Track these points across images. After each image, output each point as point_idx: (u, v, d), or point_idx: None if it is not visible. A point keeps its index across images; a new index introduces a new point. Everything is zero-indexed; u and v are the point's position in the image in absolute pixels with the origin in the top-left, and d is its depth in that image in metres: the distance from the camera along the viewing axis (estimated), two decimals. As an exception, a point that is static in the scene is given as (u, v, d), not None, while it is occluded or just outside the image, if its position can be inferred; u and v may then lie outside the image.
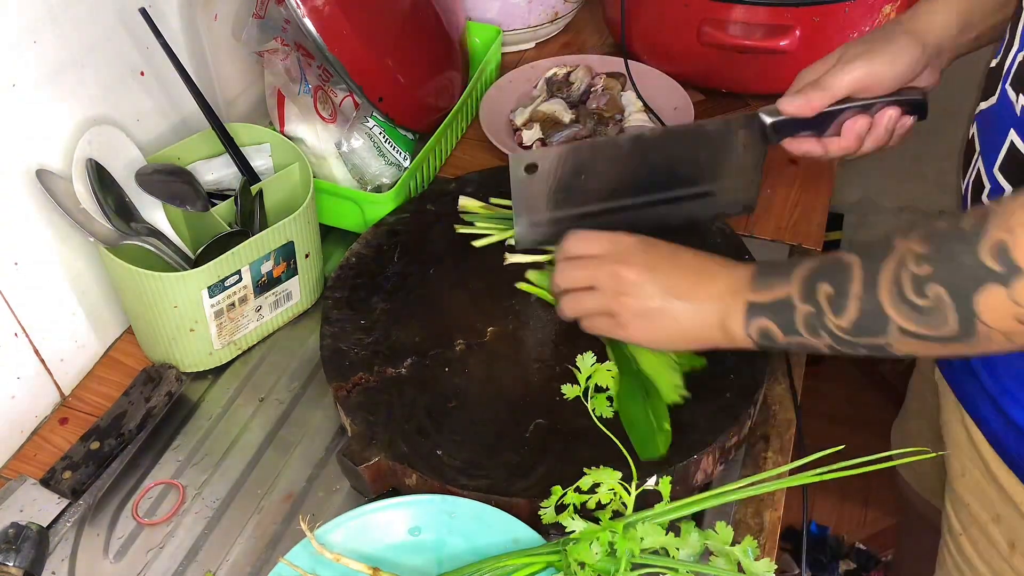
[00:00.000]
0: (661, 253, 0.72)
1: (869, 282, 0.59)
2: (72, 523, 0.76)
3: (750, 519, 0.76)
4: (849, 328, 0.61)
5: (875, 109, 0.78)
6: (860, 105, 0.77)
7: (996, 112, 0.70)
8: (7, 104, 0.75)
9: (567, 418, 0.76)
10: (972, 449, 0.79)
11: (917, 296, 0.57)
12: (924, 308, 0.57)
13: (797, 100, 0.78)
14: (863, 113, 0.78)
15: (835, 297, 0.61)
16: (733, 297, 0.67)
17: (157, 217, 0.85)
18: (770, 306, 0.65)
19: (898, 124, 0.80)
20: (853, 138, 0.79)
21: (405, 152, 1.01)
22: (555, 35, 1.31)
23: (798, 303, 0.63)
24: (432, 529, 0.70)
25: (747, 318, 0.66)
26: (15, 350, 0.81)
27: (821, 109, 0.77)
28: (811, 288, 0.62)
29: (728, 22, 1.08)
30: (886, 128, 0.79)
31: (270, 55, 0.96)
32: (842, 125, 0.79)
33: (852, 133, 0.78)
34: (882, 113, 0.78)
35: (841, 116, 0.78)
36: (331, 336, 0.83)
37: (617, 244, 0.73)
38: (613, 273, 0.71)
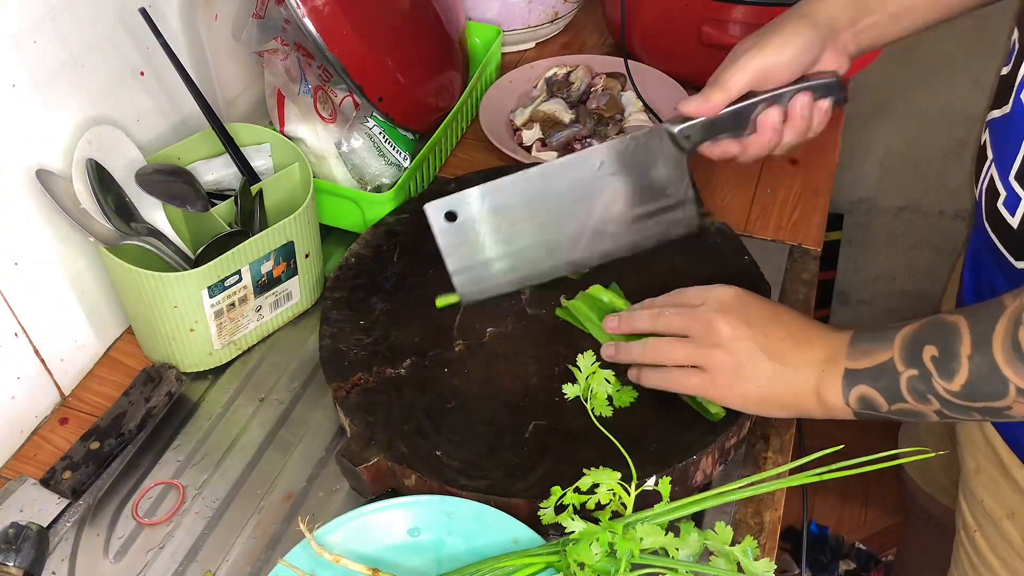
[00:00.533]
0: (760, 309, 0.70)
1: (980, 341, 0.57)
2: (72, 523, 0.76)
3: (750, 519, 0.76)
4: (961, 391, 0.58)
5: (785, 99, 0.75)
6: (768, 97, 0.75)
7: (1010, 120, 0.69)
8: (7, 104, 0.75)
9: (566, 419, 0.76)
10: (987, 446, 0.79)
11: None
12: None
13: (695, 100, 0.75)
14: (774, 105, 0.75)
15: (942, 359, 0.58)
16: (830, 364, 0.64)
17: (157, 217, 0.85)
18: (870, 372, 0.62)
19: (814, 110, 0.76)
20: (769, 131, 0.75)
21: (405, 152, 1.01)
22: (555, 35, 1.31)
23: (901, 367, 0.60)
24: (431, 530, 0.70)
25: (846, 386, 0.63)
26: (15, 350, 0.81)
27: (722, 107, 0.74)
28: (915, 350, 0.59)
29: (728, 22, 1.08)
30: (801, 116, 0.75)
31: (270, 55, 0.96)
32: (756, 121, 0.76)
33: (767, 127, 0.75)
34: (794, 101, 0.75)
35: (753, 112, 0.75)
36: (330, 336, 0.83)
37: (714, 293, 0.71)
38: (710, 324, 0.68)
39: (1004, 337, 0.56)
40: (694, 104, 0.75)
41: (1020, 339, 0.55)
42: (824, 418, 0.66)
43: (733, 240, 0.90)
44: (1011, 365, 0.55)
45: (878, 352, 0.62)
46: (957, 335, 0.58)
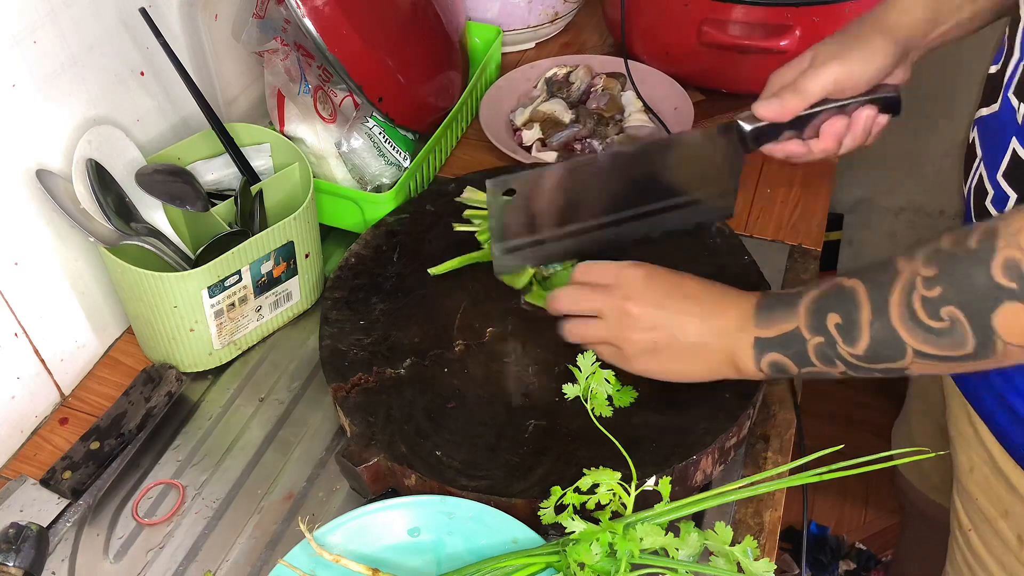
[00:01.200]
0: (667, 286, 0.72)
1: (878, 308, 0.59)
2: (72, 523, 0.76)
3: (750, 519, 0.76)
4: (864, 355, 0.61)
5: (851, 109, 0.78)
6: (836, 106, 0.77)
7: (998, 119, 0.70)
8: (7, 104, 0.75)
9: (566, 419, 0.76)
10: (979, 445, 0.80)
11: (932, 319, 0.57)
12: (940, 330, 0.57)
13: (772, 105, 0.77)
14: (840, 114, 0.77)
15: (845, 326, 0.61)
16: (740, 332, 0.67)
17: (157, 217, 0.85)
18: (779, 340, 0.65)
19: (874, 123, 0.79)
20: (832, 140, 0.78)
21: (405, 152, 1.01)
22: (555, 35, 1.31)
23: (808, 335, 0.63)
24: (431, 530, 0.70)
25: (757, 353, 0.66)
26: (15, 350, 0.81)
27: (797, 113, 0.76)
28: (819, 319, 0.62)
29: (728, 22, 1.08)
30: (864, 128, 0.78)
31: (270, 55, 0.96)
32: (819, 127, 0.78)
33: (831, 135, 0.78)
34: (859, 113, 0.78)
35: (818, 119, 0.78)
36: (330, 337, 0.83)
37: (624, 276, 0.72)
38: (619, 307, 0.71)
39: (900, 304, 0.58)
40: (770, 108, 0.77)
41: (915, 306, 0.58)
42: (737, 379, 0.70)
43: (733, 240, 0.90)
44: (907, 329, 0.58)
45: (785, 320, 0.65)
46: (857, 302, 0.60)
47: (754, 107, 0.78)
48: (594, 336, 0.74)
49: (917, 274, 0.58)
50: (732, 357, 0.68)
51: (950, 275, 0.56)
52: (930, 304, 0.57)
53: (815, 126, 0.78)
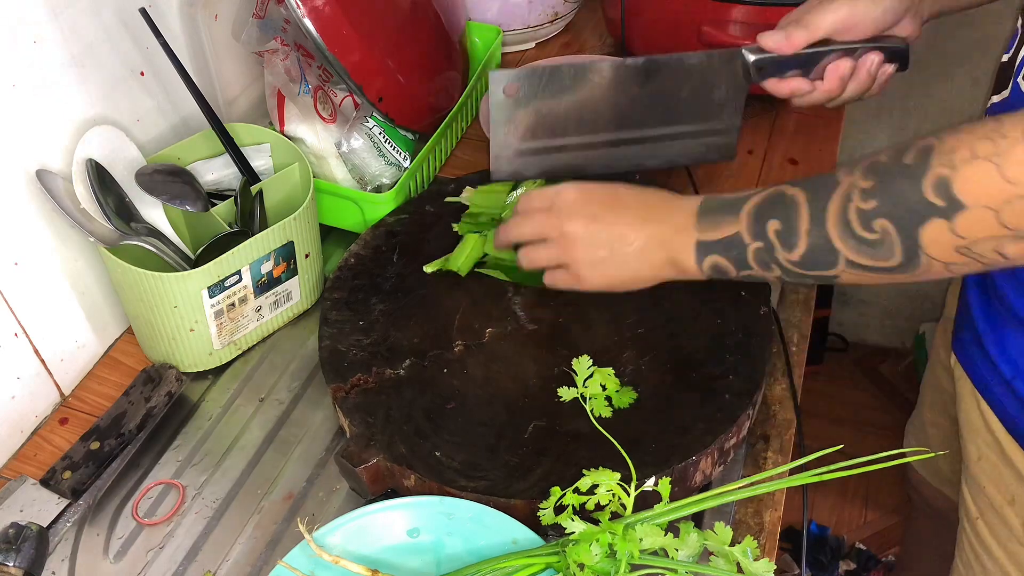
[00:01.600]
0: (602, 199, 0.73)
1: (817, 217, 0.61)
2: (72, 523, 0.77)
3: (750, 519, 0.76)
4: (799, 261, 0.63)
5: (858, 54, 0.78)
6: (843, 48, 0.77)
7: (1009, 105, 0.71)
8: (7, 104, 0.75)
9: (566, 419, 0.76)
10: (988, 432, 0.80)
11: (864, 230, 0.59)
12: (871, 241, 0.59)
13: (777, 35, 0.78)
14: (846, 56, 0.78)
15: (784, 233, 0.63)
16: (680, 234, 0.69)
17: (157, 217, 0.85)
18: (720, 243, 0.67)
19: (880, 71, 0.80)
20: (836, 81, 0.79)
21: (405, 152, 1.01)
22: (555, 35, 1.31)
23: (748, 240, 0.65)
24: (430, 531, 0.70)
25: (698, 255, 0.68)
26: (15, 350, 0.81)
27: (802, 46, 0.77)
28: (760, 225, 0.64)
29: (728, 22, 1.08)
30: (868, 72, 0.79)
31: (270, 55, 0.96)
32: (825, 69, 0.79)
33: (835, 76, 0.78)
34: (865, 57, 0.78)
35: (824, 59, 0.78)
36: (329, 337, 0.83)
37: (559, 198, 0.74)
38: (557, 227, 0.73)
39: (837, 213, 0.60)
40: (774, 39, 0.77)
41: (850, 216, 0.60)
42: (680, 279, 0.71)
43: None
44: (841, 238, 0.60)
45: (726, 224, 0.66)
46: (797, 210, 0.62)
47: (759, 38, 0.78)
48: (543, 258, 0.75)
49: (855, 186, 0.60)
50: (674, 259, 0.70)
51: (884, 189, 0.58)
52: (864, 215, 0.59)
53: (820, 68, 0.78)
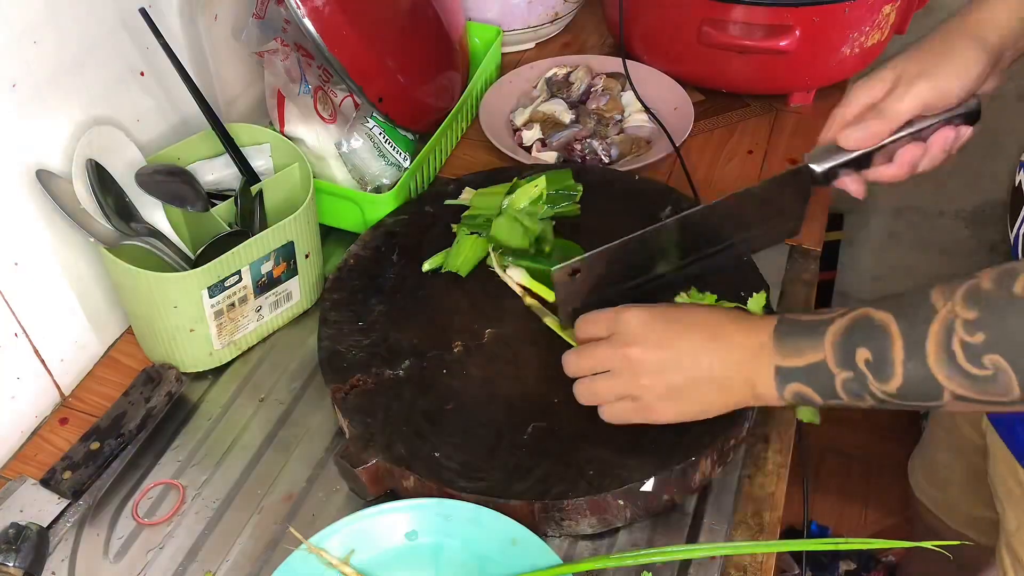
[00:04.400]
0: (669, 323, 0.67)
1: (913, 348, 0.56)
2: (72, 523, 0.77)
3: (750, 519, 0.76)
4: (896, 394, 0.58)
5: (932, 129, 0.71)
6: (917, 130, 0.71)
7: None
8: (7, 104, 0.75)
9: (565, 420, 0.76)
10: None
11: (973, 366, 0.54)
12: (982, 377, 0.54)
13: (859, 134, 0.70)
14: (917, 140, 0.71)
15: (876, 363, 0.58)
16: (758, 361, 0.63)
17: (157, 217, 0.85)
18: (804, 371, 0.61)
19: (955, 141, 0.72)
20: (907, 166, 0.71)
21: (405, 152, 1.01)
22: (555, 35, 1.31)
23: (835, 370, 0.60)
24: (429, 533, 0.70)
25: (779, 383, 0.63)
26: (15, 350, 0.81)
27: (885, 139, 0.70)
28: (847, 353, 0.59)
29: (728, 22, 1.08)
30: (942, 149, 0.71)
31: (270, 55, 0.96)
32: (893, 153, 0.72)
33: (905, 162, 0.71)
34: (937, 135, 0.71)
35: (892, 145, 0.71)
36: (329, 338, 0.83)
37: (621, 323, 0.68)
38: (624, 356, 0.67)
39: (937, 345, 0.55)
40: (856, 137, 0.70)
41: (954, 349, 0.55)
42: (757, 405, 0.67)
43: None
44: (946, 374, 0.55)
45: (809, 351, 0.61)
46: (889, 339, 0.57)
47: (840, 139, 0.71)
48: (606, 392, 0.69)
49: (956, 315, 0.54)
50: (752, 386, 0.64)
51: (993, 321, 0.53)
52: (971, 350, 0.54)
53: (888, 152, 0.72)
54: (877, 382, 0.58)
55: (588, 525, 0.73)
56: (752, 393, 0.65)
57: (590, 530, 0.73)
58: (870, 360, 0.58)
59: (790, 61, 1.09)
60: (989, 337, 0.53)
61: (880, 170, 0.73)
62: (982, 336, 0.53)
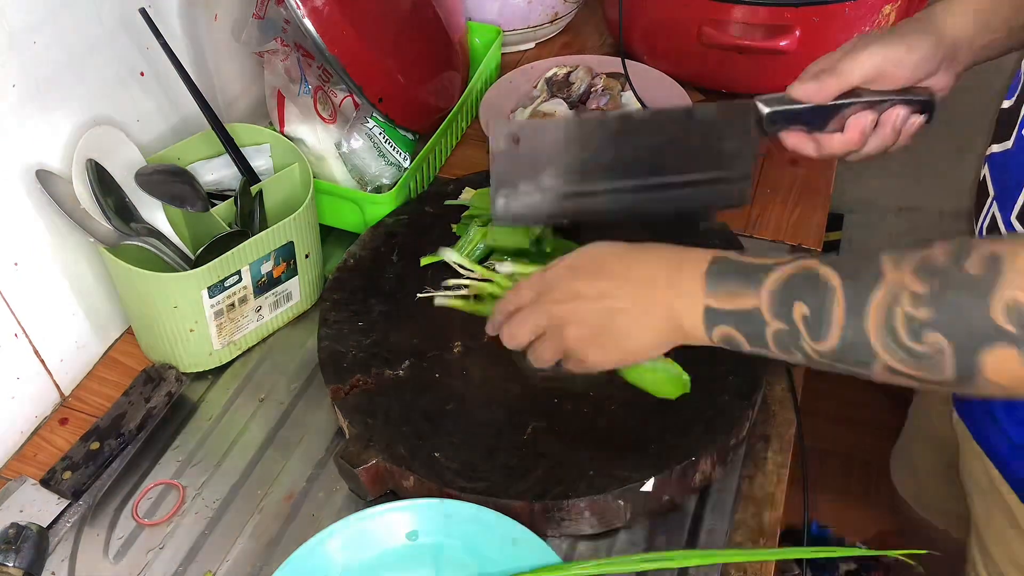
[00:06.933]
0: (588, 271, 0.66)
1: (854, 311, 0.54)
2: (72, 523, 0.77)
3: (750, 519, 0.76)
4: (827, 353, 0.56)
5: (883, 107, 0.74)
6: (869, 100, 0.74)
7: (1012, 158, 0.68)
8: (7, 104, 0.75)
9: (565, 420, 0.76)
10: (996, 496, 0.78)
11: (912, 341, 0.52)
12: (919, 353, 0.52)
13: (811, 85, 0.73)
14: (870, 109, 0.73)
15: (812, 320, 0.55)
16: (686, 298, 0.61)
17: (157, 217, 0.85)
18: (734, 315, 0.59)
19: (906, 124, 0.75)
20: (857, 133, 0.74)
21: (405, 152, 1.01)
22: (555, 35, 1.31)
23: (769, 319, 0.57)
24: (429, 533, 0.70)
25: (707, 323, 0.61)
26: (15, 350, 0.81)
27: (835, 95, 0.73)
28: (784, 305, 0.57)
29: (728, 22, 1.08)
30: (893, 127, 0.74)
31: (270, 55, 0.96)
32: (846, 121, 0.74)
33: (857, 128, 0.73)
34: (890, 111, 0.74)
35: (846, 111, 0.74)
36: (329, 338, 0.83)
37: (545, 280, 0.67)
38: (547, 312, 0.66)
39: (879, 313, 0.53)
40: (805, 89, 0.73)
41: (896, 322, 0.52)
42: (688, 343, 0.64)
43: (732, 240, 0.90)
44: (882, 343, 0.53)
45: (743, 296, 0.58)
46: (831, 297, 0.54)
47: (789, 88, 0.74)
48: (545, 351, 0.68)
49: (903, 286, 0.52)
50: (680, 324, 0.62)
51: (941, 300, 0.51)
52: (914, 324, 0.52)
53: (840, 119, 0.74)
54: (811, 339, 0.56)
55: (588, 525, 0.73)
56: (680, 332, 0.63)
57: (590, 530, 0.73)
58: (807, 316, 0.56)
59: (790, 61, 1.08)
60: (935, 316, 0.51)
61: (833, 137, 0.75)
62: (927, 313, 0.51)
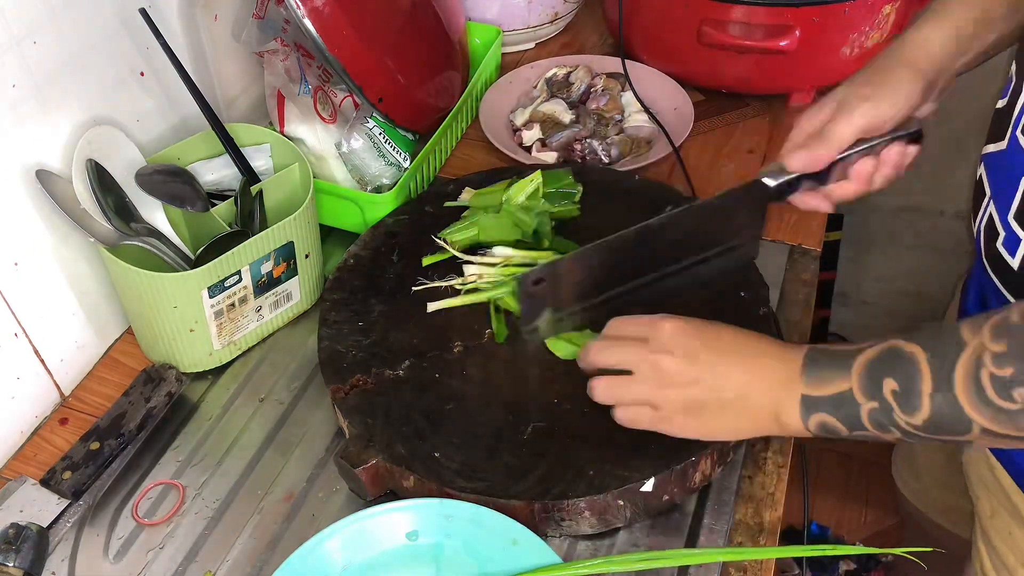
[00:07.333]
0: (703, 338, 0.67)
1: (941, 380, 0.56)
2: (72, 523, 0.77)
3: (750, 519, 0.76)
4: (923, 426, 0.58)
5: (878, 148, 0.74)
6: (863, 150, 0.74)
7: (1007, 157, 0.68)
8: (7, 104, 0.75)
9: (565, 420, 0.76)
10: (1001, 492, 0.78)
11: (1002, 399, 0.54)
12: (1012, 411, 0.54)
13: (802, 157, 0.73)
14: (869, 155, 0.74)
15: (903, 394, 0.57)
16: (785, 389, 0.63)
17: (157, 217, 0.85)
18: (829, 401, 0.61)
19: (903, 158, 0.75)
20: (863, 182, 0.75)
21: (405, 153, 1.01)
22: (555, 35, 1.31)
23: (862, 400, 0.59)
24: (429, 533, 0.70)
25: (804, 412, 0.62)
26: (15, 350, 0.81)
27: (828, 162, 0.73)
28: (874, 383, 0.59)
29: (728, 22, 1.08)
30: (895, 165, 0.75)
31: (270, 55, 0.96)
32: (848, 169, 0.75)
33: (861, 177, 0.74)
34: (888, 151, 0.74)
35: (846, 162, 0.74)
36: (329, 338, 0.83)
37: (657, 330, 0.67)
38: (654, 363, 0.66)
39: (966, 379, 0.55)
40: (800, 160, 0.73)
41: (983, 382, 0.54)
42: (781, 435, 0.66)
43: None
44: (974, 407, 0.55)
45: (836, 380, 0.61)
46: (917, 371, 0.57)
47: (786, 159, 0.74)
48: (627, 394, 0.69)
49: (984, 348, 0.54)
50: (777, 413, 0.64)
51: (1020, 354, 0.53)
52: (1001, 384, 0.54)
53: (842, 169, 0.75)
54: (903, 413, 0.58)
55: (588, 525, 0.73)
56: (777, 422, 0.64)
57: (590, 530, 0.73)
58: (897, 391, 0.58)
59: (790, 61, 1.09)
60: (1018, 371, 0.53)
61: (840, 186, 0.76)
62: (1011, 369, 0.53)
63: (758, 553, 0.72)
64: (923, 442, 0.60)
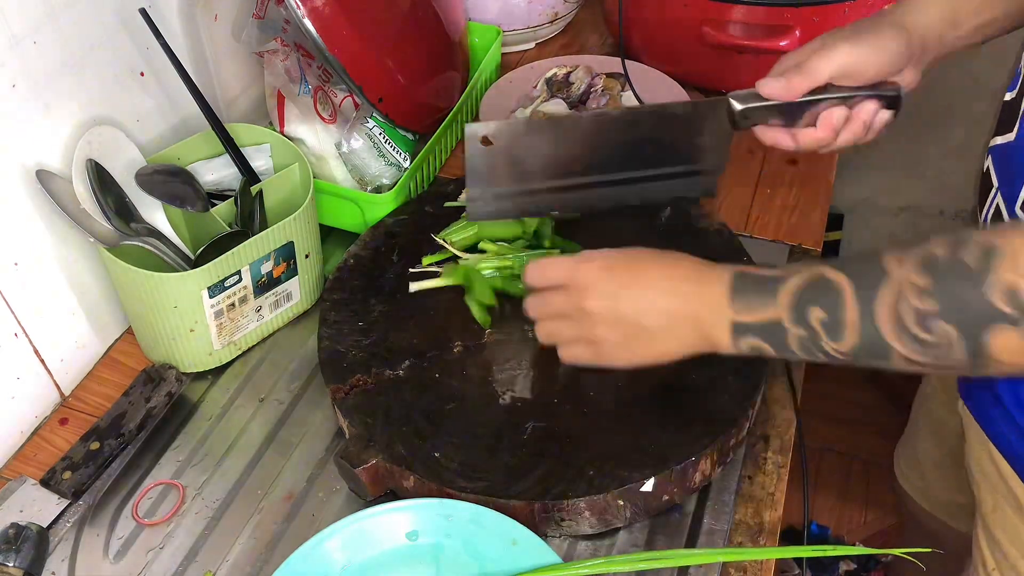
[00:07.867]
0: (625, 273, 0.68)
1: (865, 310, 0.57)
2: (72, 523, 0.77)
3: (750, 519, 0.76)
4: (848, 352, 0.59)
5: (853, 102, 0.75)
6: (838, 96, 0.75)
7: (1015, 149, 0.69)
8: (7, 104, 0.75)
9: (565, 420, 0.76)
10: (1003, 484, 0.78)
11: (922, 331, 0.56)
12: (930, 342, 0.56)
13: (778, 83, 0.74)
14: (841, 104, 0.75)
15: (829, 323, 0.59)
16: (714, 312, 0.64)
17: (157, 217, 0.85)
18: (758, 327, 0.63)
19: (876, 118, 0.76)
20: (829, 129, 0.75)
21: (405, 153, 1.01)
22: (555, 35, 1.31)
23: (789, 326, 0.61)
24: (429, 533, 0.70)
25: (734, 336, 0.64)
26: (15, 350, 0.81)
27: (802, 93, 0.74)
28: (801, 312, 0.60)
29: (728, 22, 1.08)
30: (864, 122, 0.75)
31: (270, 55, 0.96)
32: (818, 116, 0.75)
33: (828, 124, 0.75)
34: (861, 106, 0.75)
35: (817, 107, 0.75)
36: (329, 338, 0.83)
37: (578, 273, 0.69)
38: (577, 306, 0.68)
39: (889, 309, 0.57)
40: (774, 86, 0.74)
41: (904, 316, 0.56)
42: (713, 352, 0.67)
43: (732, 240, 0.90)
44: (896, 337, 0.57)
45: (764, 307, 0.62)
46: (842, 300, 0.58)
47: (758, 85, 0.75)
48: (563, 336, 0.71)
49: (907, 282, 0.56)
50: (707, 335, 0.65)
51: (943, 290, 0.55)
52: (921, 316, 0.55)
53: (812, 115, 0.75)
54: (831, 341, 0.59)
55: (588, 525, 0.73)
56: (708, 342, 0.66)
57: (590, 530, 0.73)
58: (824, 319, 0.59)
59: (790, 61, 1.09)
60: (939, 306, 0.55)
61: (806, 131, 0.76)
62: (932, 304, 0.55)
63: (758, 553, 0.72)
64: (847, 365, 0.61)
